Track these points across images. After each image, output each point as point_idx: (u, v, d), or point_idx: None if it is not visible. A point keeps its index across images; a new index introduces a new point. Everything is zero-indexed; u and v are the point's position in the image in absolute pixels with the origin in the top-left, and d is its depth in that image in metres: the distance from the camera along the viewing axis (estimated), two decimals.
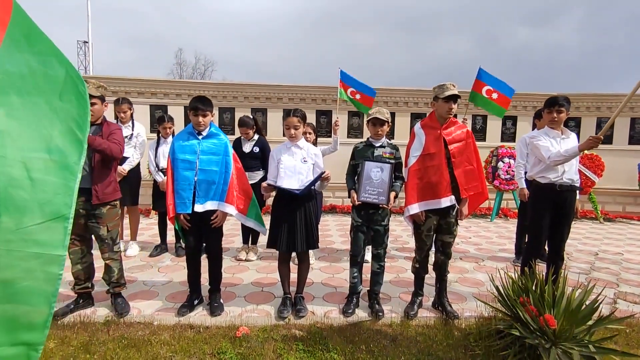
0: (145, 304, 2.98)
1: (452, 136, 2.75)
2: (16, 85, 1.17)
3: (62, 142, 1.20)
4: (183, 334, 2.52)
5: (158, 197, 4.23)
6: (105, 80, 6.58)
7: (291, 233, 2.75)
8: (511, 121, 8.29)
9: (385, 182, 2.78)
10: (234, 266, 3.97)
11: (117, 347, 2.32)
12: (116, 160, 2.88)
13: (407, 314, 2.84)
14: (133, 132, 4.12)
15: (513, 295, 2.37)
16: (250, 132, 4.09)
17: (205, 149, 2.75)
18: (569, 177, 3.01)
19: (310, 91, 7.92)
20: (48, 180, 1.13)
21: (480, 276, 3.81)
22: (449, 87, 2.68)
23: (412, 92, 8.08)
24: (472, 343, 2.44)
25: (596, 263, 4.43)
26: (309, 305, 2.98)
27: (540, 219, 3.06)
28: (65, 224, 1.12)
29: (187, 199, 2.68)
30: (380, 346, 2.42)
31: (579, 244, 5.34)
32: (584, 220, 7.32)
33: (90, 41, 15.87)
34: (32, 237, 1.07)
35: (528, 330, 2.16)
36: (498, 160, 7.03)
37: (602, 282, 3.60)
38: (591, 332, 2.17)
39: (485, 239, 5.55)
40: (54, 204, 1.11)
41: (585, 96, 8.10)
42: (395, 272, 3.88)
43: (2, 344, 1.04)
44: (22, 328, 1.07)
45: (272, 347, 2.37)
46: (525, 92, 8.09)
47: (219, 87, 7.88)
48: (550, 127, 3.12)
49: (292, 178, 2.78)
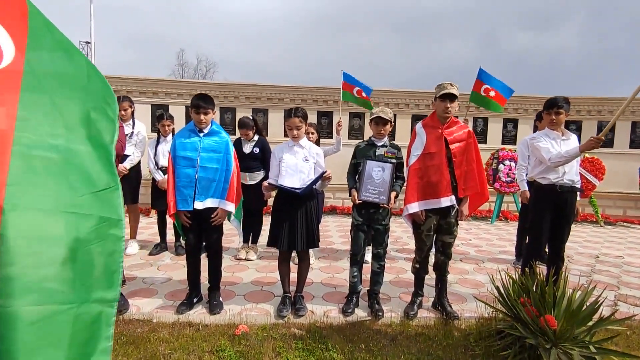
0: (145, 301, 2.98)
1: (454, 136, 2.75)
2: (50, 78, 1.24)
3: (97, 119, 1.27)
4: (182, 331, 2.52)
5: (157, 195, 4.23)
6: (107, 79, 6.59)
7: (292, 232, 2.75)
8: (512, 124, 8.30)
9: (386, 182, 2.78)
10: (234, 265, 3.96)
11: (116, 344, 2.31)
12: (117, 158, 2.88)
13: (407, 314, 2.83)
14: (134, 130, 4.12)
15: (513, 296, 2.36)
16: (250, 133, 4.09)
17: (206, 146, 2.75)
18: (569, 178, 3.01)
19: (311, 92, 7.94)
20: (93, 154, 1.22)
21: (481, 277, 3.80)
22: (446, 87, 2.69)
23: (413, 94, 8.09)
24: (472, 343, 2.44)
25: (597, 266, 4.42)
26: (309, 304, 2.97)
27: (541, 220, 3.06)
28: (117, 191, 1.22)
29: (187, 196, 2.68)
30: (379, 346, 2.41)
31: (580, 247, 5.33)
32: (584, 223, 7.31)
33: (93, 41, 15.91)
34: (95, 203, 1.17)
35: (528, 330, 2.16)
36: (499, 163, 7.03)
37: (603, 284, 3.58)
38: (592, 333, 2.17)
39: (485, 241, 5.54)
40: (102, 176, 1.21)
41: (587, 99, 8.11)
42: (395, 272, 3.88)
43: (85, 301, 1.11)
44: (96, 285, 1.15)
45: (271, 346, 2.36)
46: (526, 95, 8.11)
47: (220, 87, 7.89)
48: (550, 129, 3.12)
49: (293, 177, 2.78)
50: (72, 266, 1.09)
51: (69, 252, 1.08)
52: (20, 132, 1.08)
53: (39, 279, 1.02)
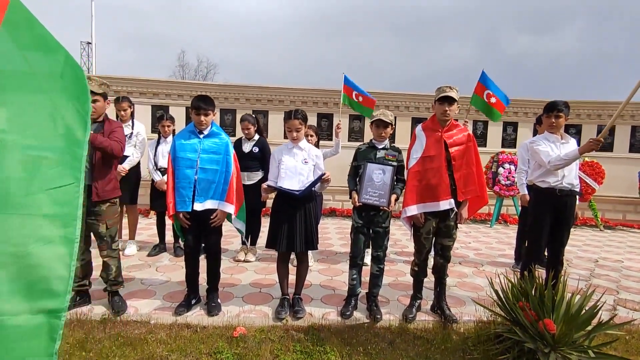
0: (143, 302, 2.97)
1: (454, 139, 2.75)
2: (18, 77, 1.20)
3: (69, 118, 1.24)
4: (180, 333, 2.51)
5: (156, 196, 4.23)
6: (107, 79, 6.59)
7: (291, 233, 2.74)
8: (512, 127, 8.30)
9: (387, 184, 2.77)
10: (233, 267, 3.96)
11: (113, 345, 2.31)
12: (117, 159, 2.88)
13: (406, 317, 2.82)
14: (133, 130, 4.12)
15: (512, 299, 2.36)
16: (251, 128, 4.07)
17: (206, 147, 2.75)
18: (568, 181, 3.01)
19: (311, 94, 7.94)
20: (57, 148, 1.18)
21: (480, 281, 3.79)
22: (445, 90, 2.70)
23: (413, 97, 8.10)
24: (470, 347, 2.43)
25: (596, 270, 4.41)
26: (307, 306, 2.96)
27: (540, 223, 3.05)
28: (77, 188, 1.16)
29: (187, 197, 2.68)
30: (378, 349, 2.40)
31: (579, 251, 5.33)
32: (584, 227, 7.30)
33: (94, 41, 15.92)
34: (45, 202, 1.10)
35: (527, 334, 2.15)
36: (498, 166, 7.03)
37: (602, 288, 3.57)
38: (590, 337, 2.16)
39: (484, 244, 5.54)
40: (65, 173, 1.16)
41: (586, 103, 8.12)
42: (394, 275, 3.87)
43: (22, 312, 1.01)
44: (41, 295, 1.05)
45: (269, 348, 2.35)
46: (526, 99, 8.12)
47: (220, 89, 7.90)
48: (550, 132, 3.13)
49: (292, 179, 2.77)
50: (2, 272, 0.98)
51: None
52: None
53: None
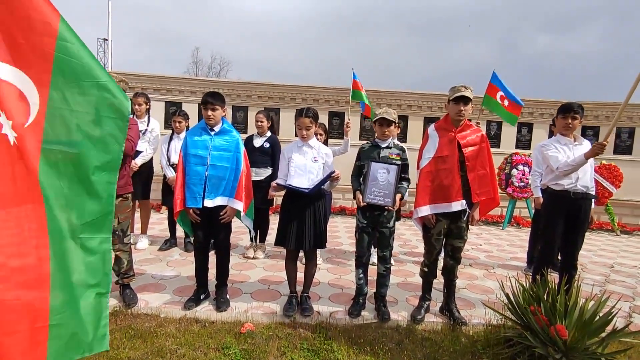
0: (153, 296, 3.01)
1: (467, 140, 2.71)
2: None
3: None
4: (189, 327, 2.54)
5: (167, 192, 4.28)
6: (122, 75, 6.70)
7: (300, 231, 2.74)
8: (527, 128, 8.16)
9: (391, 184, 2.74)
10: (242, 263, 3.98)
11: (123, 337, 2.35)
12: (128, 157, 2.93)
13: (414, 318, 2.80)
14: (148, 127, 4.18)
15: (524, 304, 2.32)
16: (265, 121, 4.09)
17: (217, 145, 2.77)
18: (583, 184, 2.94)
19: (323, 92, 7.93)
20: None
21: (490, 283, 3.74)
22: (459, 89, 2.65)
23: (425, 96, 8.02)
24: (479, 350, 2.40)
25: (611, 275, 4.31)
26: (315, 305, 2.96)
27: (554, 227, 2.99)
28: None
29: (197, 193, 2.71)
30: (385, 349, 2.39)
31: (594, 256, 5.21)
32: (600, 232, 7.14)
33: (110, 38, 16.18)
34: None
35: (538, 339, 2.11)
36: (512, 168, 6.91)
37: (617, 294, 3.48)
38: (604, 344, 2.11)
39: (496, 247, 5.46)
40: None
41: (605, 105, 7.93)
42: (403, 275, 3.84)
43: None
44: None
45: (276, 345, 2.36)
46: (542, 99, 7.97)
47: (233, 86, 7.95)
48: (562, 134, 3.06)
49: (302, 177, 2.77)
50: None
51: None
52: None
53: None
